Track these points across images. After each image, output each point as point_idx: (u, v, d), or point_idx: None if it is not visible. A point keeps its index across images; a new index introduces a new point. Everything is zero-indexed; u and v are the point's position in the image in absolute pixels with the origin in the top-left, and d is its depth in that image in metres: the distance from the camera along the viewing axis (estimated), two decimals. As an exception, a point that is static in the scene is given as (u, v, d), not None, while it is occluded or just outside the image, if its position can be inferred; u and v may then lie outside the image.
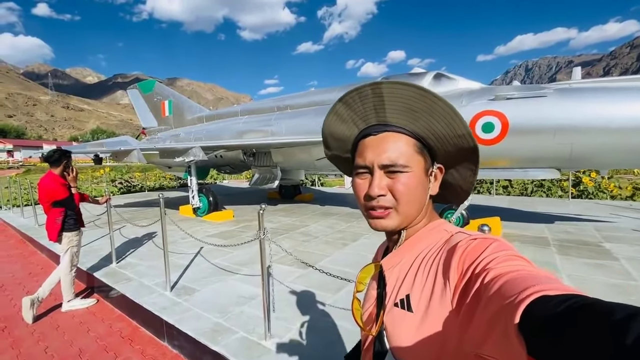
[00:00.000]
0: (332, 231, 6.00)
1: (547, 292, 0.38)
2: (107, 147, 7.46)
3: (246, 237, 5.79)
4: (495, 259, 0.51)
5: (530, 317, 0.36)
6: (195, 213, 7.88)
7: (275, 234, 5.87)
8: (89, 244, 5.57)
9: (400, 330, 0.61)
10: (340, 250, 4.84)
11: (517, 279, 0.43)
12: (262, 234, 2.49)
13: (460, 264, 0.55)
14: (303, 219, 7.22)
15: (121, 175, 15.88)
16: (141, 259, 4.64)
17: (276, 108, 8.06)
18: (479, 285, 0.49)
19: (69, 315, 3.60)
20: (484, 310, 0.45)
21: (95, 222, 7.29)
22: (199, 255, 4.74)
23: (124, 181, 14.79)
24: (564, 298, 0.35)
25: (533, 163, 4.98)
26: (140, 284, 3.72)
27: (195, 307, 3.11)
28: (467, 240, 0.58)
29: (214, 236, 5.88)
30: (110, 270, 4.21)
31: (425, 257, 0.64)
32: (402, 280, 0.65)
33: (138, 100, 12.12)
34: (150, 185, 15.34)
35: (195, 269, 4.16)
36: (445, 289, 0.56)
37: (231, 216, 7.54)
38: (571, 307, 0.33)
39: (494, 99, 4.94)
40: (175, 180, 16.44)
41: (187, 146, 7.04)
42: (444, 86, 5.63)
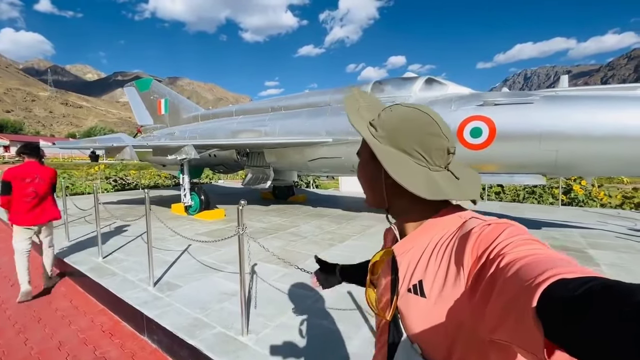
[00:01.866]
0: (321, 232, 6.03)
1: (565, 275, 0.37)
2: (99, 143, 7.47)
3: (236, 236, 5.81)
4: (511, 244, 0.50)
5: (548, 300, 0.36)
6: (187, 211, 7.89)
7: (265, 234, 5.89)
8: (77, 239, 5.57)
9: (414, 315, 0.61)
10: (327, 250, 4.87)
11: (533, 263, 0.43)
12: (241, 229, 2.52)
13: (475, 250, 0.55)
14: (294, 219, 7.25)
15: (116, 172, 15.84)
16: (128, 255, 4.65)
17: (271, 109, 8.12)
18: (494, 270, 0.48)
19: (52, 308, 3.60)
20: (499, 294, 0.45)
21: (86, 217, 7.29)
22: (186, 252, 4.75)
23: (118, 179, 14.75)
24: (583, 281, 0.34)
25: (519, 168, 5.04)
26: (124, 279, 3.73)
27: (177, 302, 3.13)
28: (481, 225, 0.57)
29: (203, 234, 5.90)
30: (97, 266, 4.22)
31: (439, 243, 0.63)
32: (414, 266, 0.65)
33: (135, 98, 12.15)
34: (145, 183, 15.31)
35: (181, 266, 4.17)
36: (459, 274, 0.56)
37: (222, 215, 7.56)
38: (591, 289, 0.32)
39: (482, 104, 5.01)
40: (170, 178, 16.42)
41: (179, 144, 7.07)
42: (435, 91, 5.70)
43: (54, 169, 4.16)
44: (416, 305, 0.61)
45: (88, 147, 7.23)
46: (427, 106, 0.70)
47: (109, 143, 7.27)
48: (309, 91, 7.99)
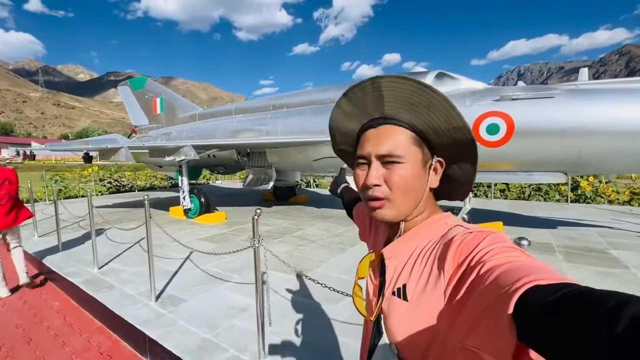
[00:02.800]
0: (329, 235, 5.76)
1: (540, 281, 0.38)
2: (93, 145, 7.11)
3: (240, 240, 5.53)
4: (491, 251, 0.51)
5: (523, 306, 0.37)
6: (186, 214, 7.57)
7: (270, 238, 5.61)
8: (70, 248, 5.24)
9: (395, 318, 0.63)
10: (338, 255, 4.61)
11: (511, 270, 0.44)
12: (256, 241, 2.24)
13: (456, 257, 0.55)
14: (298, 221, 6.97)
15: (110, 174, 15.41)
16: (126, 265, 4.34)
17: (272, 107, 7.81)
18: (473, 278, 0.49)
19: (44, 326, 3.29)
20: (476, 301, 0.46)
21: (80, 223, 6.95)
22: (189, 260, 4.46)
23: (113, 181, 14.34)
24: (557, 287, 0.35)
25: (538, 166, 4.80)
26: (123, 293, 3.42)
27: (181, 319, 2.84)
28: (463, 233, 0.58)
29: (205, 240, 5.59)
30: (92, 277, 3.90)
31: (424, 249, 0.65)
32: (400, 270, 0.66)
33: (129, 97, 11.76)
34: (141, 185, 14.92)
35: (184, 276, 3.88)
36: (439, 280, 0.57)
37: (223, 218, 7.25)
38: (564, 296, 0.33)
39: (499, 99, 4.76)
40: (166, 180, 16.04)
41: (178, 145, 6.74)
42: (447, 85, 5.44)
43: (13, 168, 4.19)
44: (398, 308, 0.63)
45: (81, 149, 6.87)
46: None
47: (103, 144, 6.92)
48: (311, 88, 7.71)
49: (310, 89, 7.66)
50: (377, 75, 0.66)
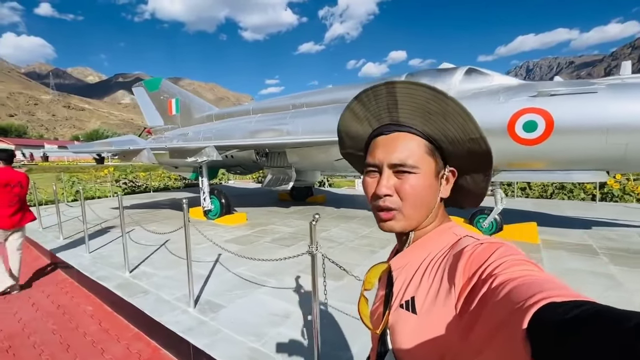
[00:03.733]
0: (356, 236, 5.64)
1: (555, 298, 0.37)
2: (115, 146, 7.09)
3: (265, 242, 5.44)
4: (503, 264, 0.49)
5: (538, 323, 0.35)
6: (206, 216, 7.52)
7: (295, 240, 5.51)
8: (97, 250, 5.21)
9: (402, 332, 0.60)
10: (370, 258, 4.49)
11: (524, 285, 0.42)
12: (315, 248, 2.13)
13: (467, 269, 0.54)
14: (321, 223, 6.85)
15: (125, 175, 15.50)
16: (156, 268, 4.28)
17: (291, 106, 7.69)
18: (485, 291, 0.47)
19: (80, 332, 3.24)
20: (489, 316, 0.44)
21: (102, 224, 6.94)
22: (219, 263, 4.38)
23: (128, 181, 14.42)
24: (574, 305, 0.34)
25: (578, 165, 4.60)
26: (159, 299, 3.35)
27: (225, 327, 2.74)
28: (474, 244, 0.57)
29: (230, 242, 5.52)
30: (124, 281, 3.84)
31: (433, 260, 0.63)
32: (408, 282, 0.65)
33: (144, 98, 11.76)
34: (155, 185, 14.98)
35: (217, 280, 3.79)
36: (449, 293, 0.55)
37: (244, 219, 7.18)
38: (582, 314, 0.32)
39: (536, 95, 4.56)
40: (180, 180, 16.08)
41: (200, 145, 6.67)
42: (478, 82, 5.26)
43: (25, 173, 4.36)
44: (406, 322, 0.60)
45: (103, 151, 6.86)
46: None
47: (125, 146, 6.89)
48: (332, 86, 7.58)
49: (332, 87, 7.52)
50: (392, 80, 0.65)
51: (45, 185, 13.62)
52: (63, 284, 4.52)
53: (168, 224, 7.08)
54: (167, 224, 7.07)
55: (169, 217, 8.00)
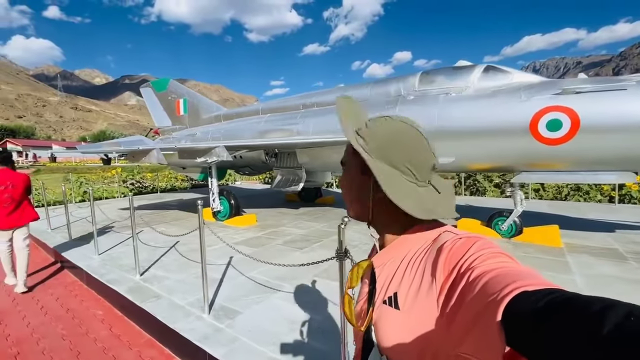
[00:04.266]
0: (370, 239, 5.47)
1: (527, 287, 0.39)
2: (124, 146, 7.02)
3: (277, 245, 5.30)
4: (479, 257, 0.51)
5: (512, 312, 0.37)
6: (215, 217, 7.42)
7: (309, 242, 5.37)
8: (106, 252, 5.11)
9: (386, 327, 0.61)
10: (386, 262, 4.33)
11: (498, 277, 0.44)
12: (344, 253, 1.98)
13: (447, 264, 0.55)
14: (332, 224, 6.71)
15: (132, 176, 15.49)
16: (167, 271, 4.16)
17: (302, 106, 7.56)
18: (463, 285, 0.49)
19: (90, 338, 3.12)
20: (466, 309, 0.46)
21: (111, 225, 6.86)
22: (231, 266, 4.25)
23: (135, 182, 14.39)
24: (544, 293, 0.36)
25: (605, 165, 4.41)
26: (171, 304, 3.23)
27: (242, 335, 2.61)
28: (453, 239, 0.59)
29: (241, 244, 5.39)
30: (135, 285, 3.73)
31: (414, 256, 0.64)
32: (391, 278, 0.66)
33: (151, 99, 11.72)
34: (162, 186, 14.94)
35: (231, 284, 3.66)
36: (431, 288, 0.56)
37: (254, 221, 7.06)
38: (552, 301, 0.34)
39: (560, 93, 4.38)
40: (187, 181, 16.04)
41: (209, 146, 6.57)
42: (497, 80, 5.08)
43: (26, 174, 4.41)
44: (389, 317, 0.61)
45: (112, 151, 6.78)
46: (413, 120, 0.70)
47: (134, 146, 6.81)
48: (343, 85, 7.45)
49: (343, 86, 7.40)
50: (339, 96, 0.77)
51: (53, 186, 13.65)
52: (72, 286, 4.43)
53: (177, 225, 6.98)
54: (176, 225, 6.98)
55: (177, 218, 7.91)
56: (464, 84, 5.27)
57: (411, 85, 5.87)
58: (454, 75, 5.48)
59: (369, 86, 6.58)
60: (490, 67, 5.29)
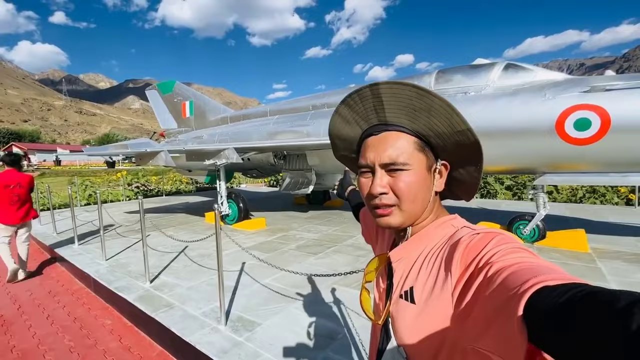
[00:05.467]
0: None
1: (549, 282, 0.38)
2: (131, 149, 6.87)
3: (289, 250, 5.11)
4: (498, 252, 0.50)
5: (533, 308, 0.36)
6: (224, 221, 7.24)
7: (322, 247, 5.17)
8: (114, 257, 4.95)
9: (403, 321, 0.62)
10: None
11: (520, 271, 0.43)
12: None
13: (464, 259, 0.55)
14: (344, 228, 6.51)
15: (137, 179, 15.38)
16: (178, 278, 3.98)
17: (311, 107, 7.40)
18: (481, 280, 0.48)
19: (99, 350, 2.95)
20: (485, 303, 0.45)
21: (117, 229, 6.70)
22: (244, 273, 4.06)
23: (140, 185, 14.28)
24: (567, 288, 0.35)
25: (637, 166, 4.19)
26: (185, 314, 3.04)
27: (265, 350, 2.42)
28: (470, 234, 0.58)
29: (253, 249, 5.21)
30: (145, 293, 3.55)
31: (431, 251, 0.64)
32: (407, 273, 0.66)
33: (157, 101, 11.63)
34: (167, 189, 14.81)
35: (246, 293, 3.47)
36: (446, 282, 0.56)
37: (264, 224, 6.87)
38: (575, 296, 0.33)
39: (588, 90, 4.18)
40: (192, 184, 15.91)
41: (219, 148, 6.41)
42: (518, 77, 4.88)
43: (31, 175, 4.84)
44: (406, 311, 0.62)
45: (118, 154, 6.65)
46: None
47: (141, 148, 6.67)
48: (354, 86, 7.27)
49: (354, 86, 7.22)
50: (375, 82, 0.65)
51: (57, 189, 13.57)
52: (78, 293, 4.26)
53: (185, 229, 6.81)
54: (184, 229, 6.81)
55: (184, 222, 7.74)
56: (483, 83, 5.08)
57: (427, 84, 5.67)
58: (473, 73, 5.29)
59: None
60: (510, 64, 5.10)
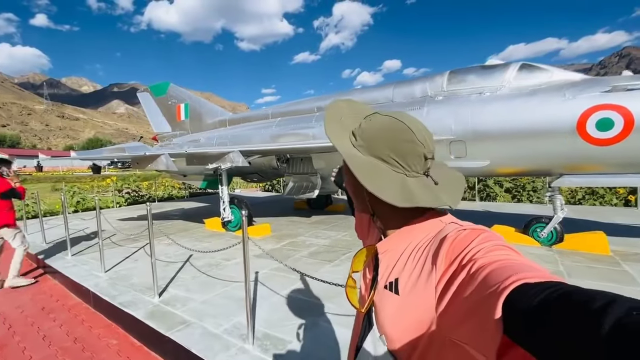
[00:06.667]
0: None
1: (528, 279, 0.39)
2: (129, 152, 6.49)
3: (301, 257, 4.86)
4: (482, 249, 0.51)
5: (511, 304, 0.37)
6: (225, 227, 6.92)
7: (336, 253, 4.95)
8: (113, 268, 4.59)
9: (386, 311, 0.64)
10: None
11: (501, 268, 0.44)
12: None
13: (449, 254, 0.56)
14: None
15: (128, 184, 14.80)
16: (189, 291, 3.67)
17: (316, 108, 7.18)
18: (464, 276, 0.50)
19: (107, 375, 2.63)
20: (466, 298, 0.47)
21: (111, 238, 6.30)
22: (260, 284, 3.79)
23: (131, 191, 13.74)
24: (545, 286, 0.36)
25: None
26: (205, 332, 2.75)
27: (302, 373, 2.17)
28: (457, 230, 0.60)
29: (262, 257, 4.92)
30: (156, 309, 3.24)
31: (418, 245, 0.65)
32: (394, 264, 0.67)
33: (149, 104, 11.21)
34: (159, 195, 14.30)
35: (267, 306, 3.20)
36: (430, 275, 0.57)
37: (269, 231, 6.59)
38: (552, 294, 0.34)
39: (609, 90, 4.12)
40: (185, 189, 15.44)
41: (223, 151, 6.12)
42: (535, 78, 4.80)
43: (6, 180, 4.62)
44: (389, 301, 0.64)
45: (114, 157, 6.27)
46: (404, 113, 0.71)
47: (140, 152, 6.31)
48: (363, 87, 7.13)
49: (362, 88, 7.09)
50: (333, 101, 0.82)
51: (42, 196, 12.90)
52: (76, 309, 3.89)
53: (185, 236, 6.47)
54: (184, 237, 6.47)
55: (183, 229, 7.38)
56: (499, 83, 4.98)
57: (439, 85, 5.56)
58: (487, 73, 5.19)
59: (392, 86, 6.26)
60: (525, 64, 5.02)
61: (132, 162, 6.50)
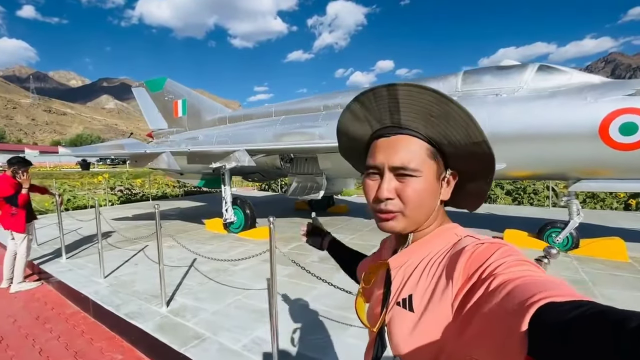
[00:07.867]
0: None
1: (555, 298, 0.37)
2: (128, 149, 6.18)
3: (312, 262, 4.66)
4: (503, 264, 0.49)
5: (539, 323, 0.35)
6: (227, 229, 6.68)
7: (348, 259, 4.75)
8: (112, 274, 4.31)
9: (399, 329, 0.60)
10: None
11: (524, 285, 0.42)
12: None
13: (467, 268, 0.54)
14: (362, 236, 6.12)
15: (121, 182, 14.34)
16: (198, 300, 3.43)
17: (323, 107, 6.97)
18: (484, 290, 0.47)
19: (113, 397, 2.39)
20: (487, 315, 0.44)
21: (107, 239, 5.99)
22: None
23: (124, 189, 13.31)
24: (574, 305, 0.34)
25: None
26: (222, 348, 2.53)
27: (338, 398, 1.97)
28: (474, 244, 0.57)
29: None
30: (164, 321, 2.99)
31: (432, 259, 0.63)
32: (406, 280, 0.64)
33: (145, 99, 10.84)
34: (153, 193, 13.89)
35: (286, 318, 2.99)
36: (446, 290, 0.55)
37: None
38: (582, 314, 0.32)
39: (633, 94, 4.02)
40: (179, 187, 15.06)
41: (228, 149, 5.86)
42: (554, 80, 4.69)
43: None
44: (403, 319, 0.60)
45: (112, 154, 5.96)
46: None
47: (141, 149, 6.00)
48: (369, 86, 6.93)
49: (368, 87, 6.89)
50: (394, 82, 0.61)
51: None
52: (73, 319, 3.61)
53: (186, 238, 6.20)
54: (183, 238, 6.19)
55: (182, 230, 7.11)
56: (516, 84, 4.86)
57: (452, 85, 5.42)
58: (503, 74, 5.06)
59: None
60: (543, 65, 4.91)
61: (131, 160, 6.20)
